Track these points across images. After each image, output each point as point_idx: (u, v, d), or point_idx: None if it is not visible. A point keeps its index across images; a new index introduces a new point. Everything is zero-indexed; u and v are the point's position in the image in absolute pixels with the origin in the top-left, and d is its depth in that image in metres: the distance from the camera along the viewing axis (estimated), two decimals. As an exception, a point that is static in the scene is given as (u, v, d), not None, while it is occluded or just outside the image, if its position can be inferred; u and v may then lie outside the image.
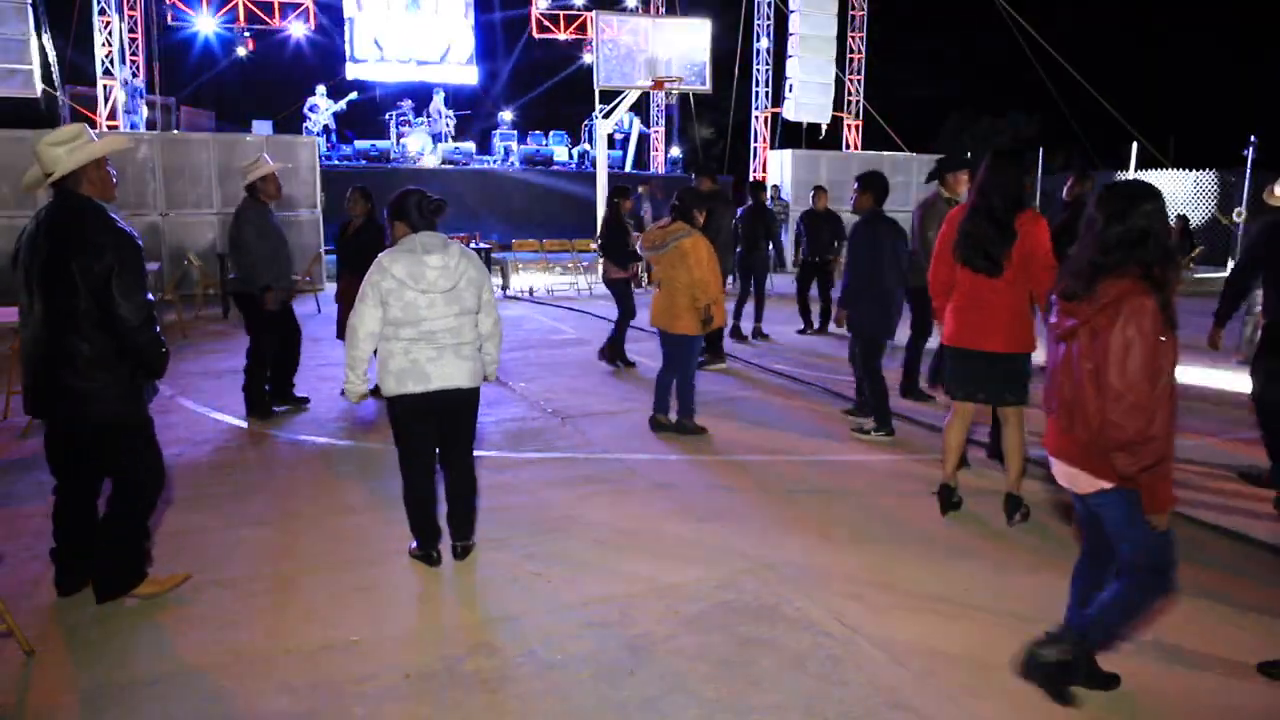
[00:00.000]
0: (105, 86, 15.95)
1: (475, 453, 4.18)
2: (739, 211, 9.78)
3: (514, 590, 3.84)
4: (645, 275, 12.83)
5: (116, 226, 3.44)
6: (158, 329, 3.53)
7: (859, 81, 20.26)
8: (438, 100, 21.26)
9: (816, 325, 10.50)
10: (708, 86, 15.79)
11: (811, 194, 10.59)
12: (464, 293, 3.84)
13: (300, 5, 18.60)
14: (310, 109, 19.80)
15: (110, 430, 3.53)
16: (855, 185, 6.04)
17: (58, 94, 16.23)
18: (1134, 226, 2.75)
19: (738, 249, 9.64)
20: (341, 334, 7.28)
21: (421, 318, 3.75)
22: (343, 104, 20.39)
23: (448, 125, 21.20)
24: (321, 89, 20.12)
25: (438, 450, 4.05)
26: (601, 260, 8.72)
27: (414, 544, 4.14)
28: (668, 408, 6.22)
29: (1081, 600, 3.13)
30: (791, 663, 3.24)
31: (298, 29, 18.97)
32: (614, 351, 8.37)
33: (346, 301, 7.19)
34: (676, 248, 5.85)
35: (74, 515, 3.70)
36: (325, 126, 19.97)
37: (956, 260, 4.46)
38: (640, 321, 8.55)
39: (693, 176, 8.90)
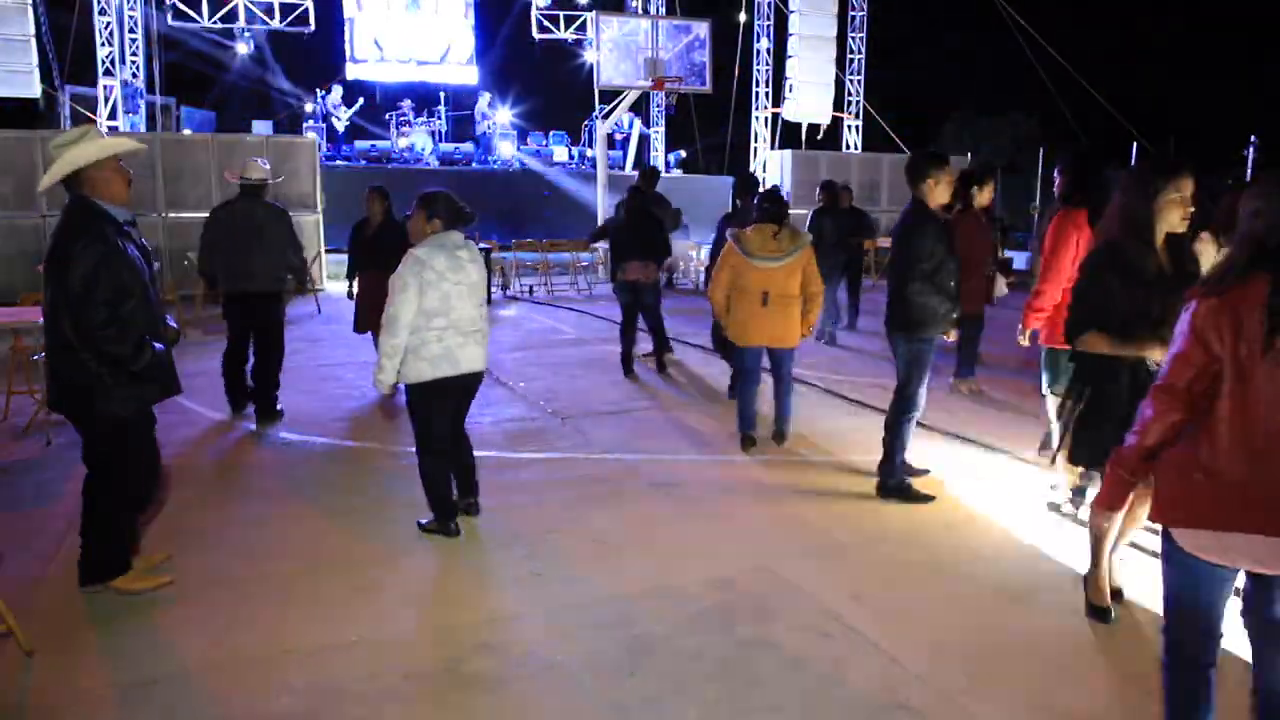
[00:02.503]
0: (105, 86, 15.95)
1: (475, 453, 4.61)
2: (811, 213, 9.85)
3: (514, 590, 3.85)
4: (666, 276, 12.39)
5: (96, 236, 3.31)
6: (119, 346, 3.36)
7: (859, 81, 20.24)
8: (482, 103, 21.14)
9: (845, 322, 10.40)
10: (708, 86, 15.79)
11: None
12: (480, 286, 4.27)
13: (300, 5, 18.56)
14: (334, 107, 19.80)
15: (95, 425, 3.55)
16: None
17: (58, 94, 16.23)
18: None
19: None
20: (360, 328, 7.47)
21: (452, 308, 4.09)
22: (354, 108, 20.46)
23: (491, 128, 21.17)
24: (339, 89, 20.14)
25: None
26: (631, 261, 7.70)
27: (428, 519, 4.37)
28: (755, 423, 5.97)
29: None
30: (791, 663, 3.24)
31: (297, 29, 18.95)
32: (657, 360, 8.11)
33: (371, 298, 7.19)
34: (804, 254, 5.49)
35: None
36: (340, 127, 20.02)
37: None
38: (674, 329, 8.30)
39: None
